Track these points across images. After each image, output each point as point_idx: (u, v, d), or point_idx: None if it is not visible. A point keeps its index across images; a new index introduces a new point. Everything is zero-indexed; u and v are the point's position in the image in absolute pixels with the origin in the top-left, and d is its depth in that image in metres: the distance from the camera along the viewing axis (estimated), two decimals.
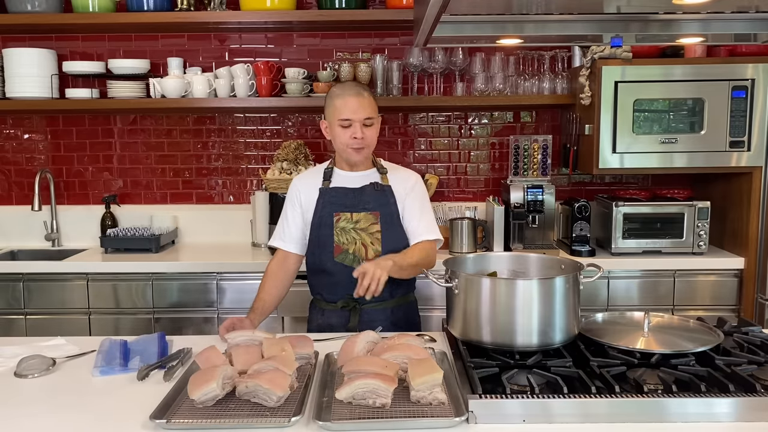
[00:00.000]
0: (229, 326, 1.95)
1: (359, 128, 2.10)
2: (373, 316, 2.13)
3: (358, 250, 2.14)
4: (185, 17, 3.27)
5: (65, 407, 1.49)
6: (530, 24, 1.93)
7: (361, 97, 2.11)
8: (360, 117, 2.09)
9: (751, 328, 1.84)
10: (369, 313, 2.14)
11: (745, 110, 3.01)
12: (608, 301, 3.06)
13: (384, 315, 2.16)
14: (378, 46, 3.53)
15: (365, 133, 2.11)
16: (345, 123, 2.10)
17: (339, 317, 2.15)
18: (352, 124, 2.10)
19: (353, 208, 2.15)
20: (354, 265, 2.08)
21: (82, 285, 3.07)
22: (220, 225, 3.60)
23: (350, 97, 2.11)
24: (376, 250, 2.14)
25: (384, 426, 1.35)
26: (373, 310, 2.14)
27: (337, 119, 2.11)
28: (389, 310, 2.18)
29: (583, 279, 1.70)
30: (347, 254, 2.15)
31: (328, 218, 2.16)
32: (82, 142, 3.62)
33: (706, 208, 3.12)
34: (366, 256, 2.13)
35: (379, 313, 2.15)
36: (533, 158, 3.35)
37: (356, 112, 2.09)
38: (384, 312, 2.16)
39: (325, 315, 2.19)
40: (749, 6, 1.73)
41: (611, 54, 2.99)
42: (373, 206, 2.16)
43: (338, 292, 2.15)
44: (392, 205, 2.18)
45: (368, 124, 2.12)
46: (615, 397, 1.38)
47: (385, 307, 2.17)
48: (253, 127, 3.63)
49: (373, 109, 2.14)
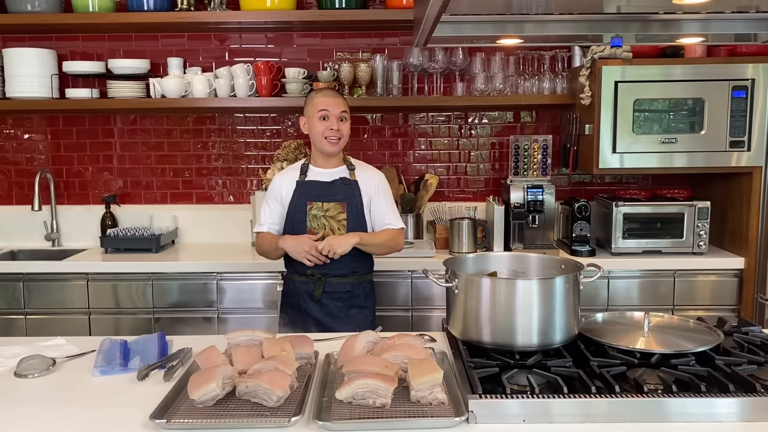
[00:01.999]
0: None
1: (335, 121, 2.43)
2: (335, 287, 2.47)
3: (327, 235, 2.46)
4: (185, 17, 3.27)
5: (65, 407, 1.49)
6: (530, 24, 1.93)
7: (338, 97, 2.49)
8: (336, 111, 2.43)
9: (751, 328, 1.84)
10: (332, 285, 2.47)
11: (745, 110, 3.01)
12: (608, 301, 3.06)
13: (344, 288, 2.48)
14: (378, 46, 3.53)
15: (340, 126, 2.44)
16: (323, 113, 2.42)
17: (306, 286, 2.48)
18: (329, 117, 2.42)
19: (324, 198, 2.48)
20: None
21: (82, 285, 3.07)
22: (220, 225, 3.61)
23: (328, 96, 2.47)
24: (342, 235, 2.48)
25: (384, 426, 1.35)
26: (336, 283, 2.47)
27: (316, 111, 2.43)
28: (349, 284, 2.49)
29: (583, 279, 1.70)
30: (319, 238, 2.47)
31: (302, 206, 2.48)
32: (82, 142, 3.62)
33: (706, 208, 3.12)
34: None
35: (340, 285, 2.47)
36: (533, 158, 3.35)
37: (333, 106, 2.44)
38: (344, 285, 2.48)
39: (295, 284, 2.52)
40: (749, 6, 1.73)
41: (611, 54, 2.99)
42: (341, 197, 2.48)
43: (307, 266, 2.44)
44: (357, 197, 2.49)
45: (343, 119, 2.45)
46: (615, 397, 1.38)
47: (345, 281, 2.48)
48: (253, 127, 3.63)
49: (347, 107, 2.49)
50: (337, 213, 2.47)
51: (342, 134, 2.45)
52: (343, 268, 2.46)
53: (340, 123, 2.45)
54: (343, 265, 2.45)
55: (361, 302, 2.52)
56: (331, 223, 2.47)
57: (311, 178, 2.52)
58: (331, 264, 2.42)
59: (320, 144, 2.47)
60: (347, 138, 2.50)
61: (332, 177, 2.51)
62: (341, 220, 2.47)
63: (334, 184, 2.50)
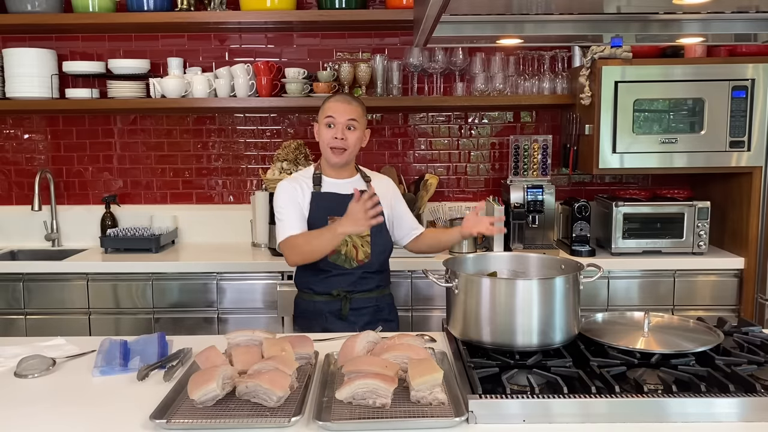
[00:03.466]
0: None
1: (341, 129, 2.26)
2: (360, 304, 2.33)
3: (350, 252, 2.31)
4: (185, 17, 3.27)
5: (65, 407, 1.49)
6: (530, 24, 1.93)
7: (349, 103, 2.30)
8: (343, 118, 2.26)
9: (751, 328, 1.84)
10: (357, 301, 2.33)
11: (745, 110, 3.01)
12: (608, 301, 3.06)
13: (370, 303, 2.36)
14: (378, 46, 3.53)
15: (346, 135, 2.26)
16: (329, 120, 2.27)
17: (330, 306, 2.32)
18: (335, 124, 2.26)
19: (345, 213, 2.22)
20: (345, 265, 2.31)
21: (82, 285, 3.07)
22: (220, 225, 3.61)
23: (338, 102, 2.30)
24: (365, 252, 2.33)
25: (384, 426, 1.35)
26: (361, 299, 2.34)
27: (323, 117, 2.29)
28: (374, 299, 2.37)
29: (583, 279, 1.70)
30: (340, 255, 2.30)
31: (322, 221, 2.28)
32: (82, 142, 3.62)
33: (706, 208, 3.12)
34: (356, 257, 2.32)
35: (365, 301, 2.35)
36: (533, 158, 3.35)
37: (341, 113, 2.26)
38: (370, 300, 2.36)
39: (315, 304, 2.35)
40: (749, 6, 1.73)
41: (611, 54, 2.99)
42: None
43: (332, 285, 2.32)
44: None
45: (351, 128, 2.27)
46: (615, 397, 1.38)
47: (370, 296, 2.36)
48: (253, 127, 3.63)
49: (359, 115, 2.30)
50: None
51: (347, 145, 2.27)
52: (369, 284, 2.34)
53: (347, 131, 2.26)
54: (368, 282, 2.34)
55: (387, 315, 2.40)
56: (354, 239, 2.30)
57: (327, 189, 2.34)
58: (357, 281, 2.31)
59: (325, 153, 2.31)
60: (355, 149, 2.31)
61: (350, 189, 2.28)
62: (364, 236, 2.30)
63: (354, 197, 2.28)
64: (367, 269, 2.34)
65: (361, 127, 2.31)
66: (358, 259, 2.32)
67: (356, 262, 2.31)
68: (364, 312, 2.33)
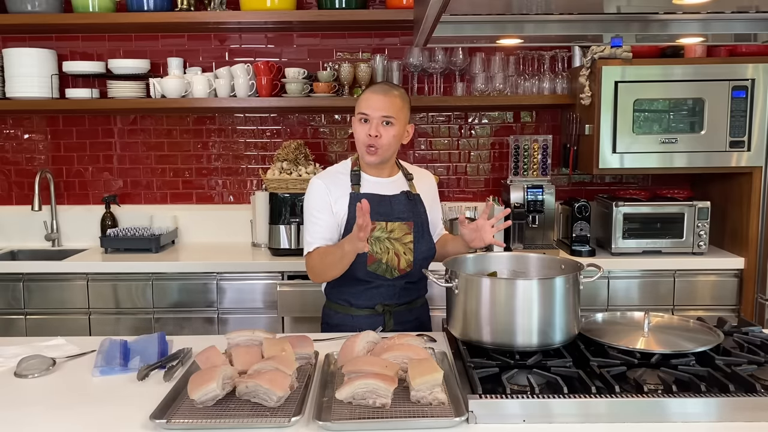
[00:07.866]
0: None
1: (374, 126, 2.01)
2: (402, 317, 2.15)
3: (391, 260, 2.09)
4: (185, 17, 3.27)
5: (65, 407, 1.49)
6: (530, 24, 1.94)
7: (386, 95, 2.03)
8: (377, 114, 2.01)
9: (751, 328, 1.84)
10: (400, 314, 2.15)
11: (745, 110, 3.01)
12: (608, 301, 3.06)
13: (412, 315, 2.19)
14: (378, 46, 3.53)
15: (380, 132, 2.02)
16: (361, 116, 2.04)
17: (371, 322, 2.09)
18: (370, 120, 2.03)
19: (388, 217, 2.08)
20: (386, 275, 2.09)
21: (82, 285, 3.07)
22: (220, 225, 3.61)
23: (375, 93, 2.05)
24: (407, 260, 2.11)
25: (384, 426, 1.35)
26: (404, 311, 2.16)
27: (357, 112, 2.06)
28: (415, 310, 2.21)
29: (583, 279, 1.70)
30: (380, 264, 2.08)
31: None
32: (82, 142, 3.62)
33: (706, 208, 3.12)
34: (398, 266, 2.10)
35: (407, 314, 2.17)
36: (533, 158, 3.35)
37: (374, 108, 2.02)
38: (411, 313, 2.19)
39: (355, 320, 2.12)
40: (749, 6, 1.73)
41: (611, 54, 2.99)
42: (407, 216, 2.11)
43: (373, 298, 2.12)
44: (423, 214, 2.16)
45: (388, 122, 2.02)
46: (615, 397, 1.38)
47: (411, 308, 2.19)
48: (253, 127, 3.63)
49: (398, 110, 2.03)
50: (403, 234, 2.09)
51: (380, 143, 2.02)
52: (411, 294, 2.17)
53: (382, 128, 2.01)
54: (410, 292, 2.16)
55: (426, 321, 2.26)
56: (396, 246, 2.08)
57: (367, 190, 2.10)
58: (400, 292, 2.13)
59: (360, 152, 2.09)
60: (391, 147, 2.06)
61: (392, 190, 2.12)
62: (407, 242, 2.09)
63: (398, 199, 2.11)
64: (409, 279, 2.13)
65: (400, 123, 2.05)
66: (400, 268, 2.10)
67: (398, 271, 2.09)
68: (406, 325, 2.13)
